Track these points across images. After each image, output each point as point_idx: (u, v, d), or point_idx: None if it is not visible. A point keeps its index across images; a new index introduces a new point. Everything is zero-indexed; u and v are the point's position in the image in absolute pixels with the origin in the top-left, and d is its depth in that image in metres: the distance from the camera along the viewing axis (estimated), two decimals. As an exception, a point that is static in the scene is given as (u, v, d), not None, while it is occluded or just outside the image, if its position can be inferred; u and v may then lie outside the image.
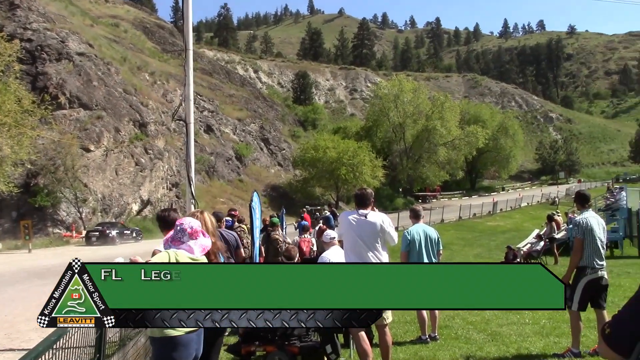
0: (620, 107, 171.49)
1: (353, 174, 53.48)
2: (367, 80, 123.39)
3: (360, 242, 6.34)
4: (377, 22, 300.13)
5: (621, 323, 1.95)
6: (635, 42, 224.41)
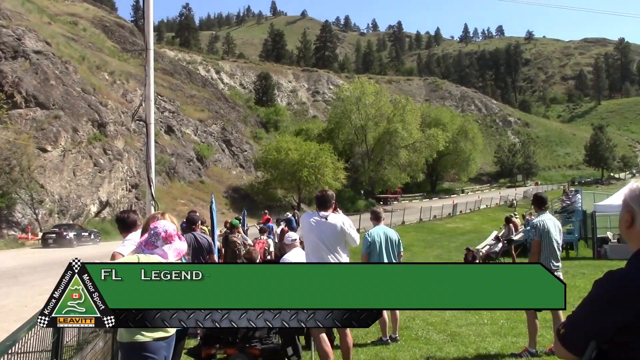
0: (575, 112, 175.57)
1: (315, 176, 53.49)
2: (329, 82, 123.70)
3: (321, 244, 6.35)
4: (339, 24, 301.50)
5: (575, 323, 2.00)
6: (590, 48, 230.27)
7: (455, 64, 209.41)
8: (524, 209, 46.52)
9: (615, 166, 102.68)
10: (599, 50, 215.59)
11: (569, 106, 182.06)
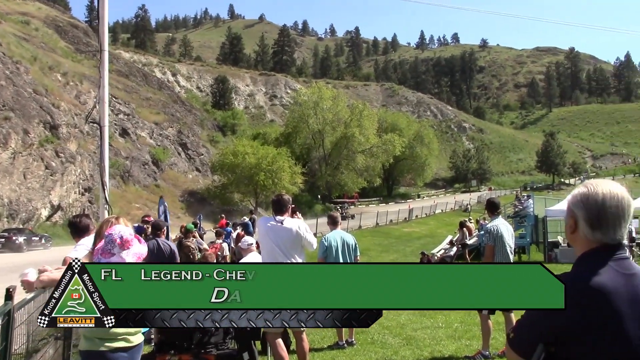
0: (528, 119, 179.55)
1: (272, 180, 53.38)
2: (287, 86, 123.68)
3: (277, 248, 6.35)
4: (297, 29, 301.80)
5: (523, 327, 2.07)
6: (542, 57, 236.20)
7: (412, 70, 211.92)
8: (478, 214, 47.33)
9: (565, 172, 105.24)
10: (550, 59, 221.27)
11: (521, 113, 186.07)
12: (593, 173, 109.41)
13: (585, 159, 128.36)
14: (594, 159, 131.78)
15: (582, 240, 2.09)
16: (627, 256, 2.07)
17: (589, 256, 2.06)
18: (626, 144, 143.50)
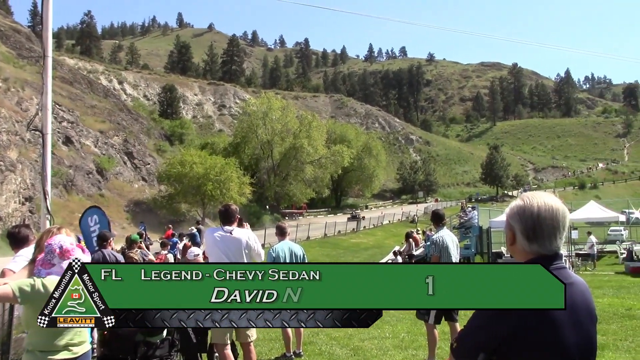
0: (473, 132, 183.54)
1: (220, 191, 52.89)
2: (236, 96, 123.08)
3: (226, 258, 6.30)
4: (247, 39, 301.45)
5: (464, 337, 2.12)
6: (486, 71, 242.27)
7: (361, 83, 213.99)
8: (424, 225, 47.98)
9: (508, 184, 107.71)
10: (495, 74, 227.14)
11: (466, 126, 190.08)
12: (535, 185, 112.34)
13: (528, 172, 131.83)
14: (535, 172, 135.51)
15: (520, 251, 2.15)
16: (564, 266, 2.14)
17: None
18: (566, 157, 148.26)
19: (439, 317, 7.55)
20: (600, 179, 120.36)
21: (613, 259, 29.76)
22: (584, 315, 2.08)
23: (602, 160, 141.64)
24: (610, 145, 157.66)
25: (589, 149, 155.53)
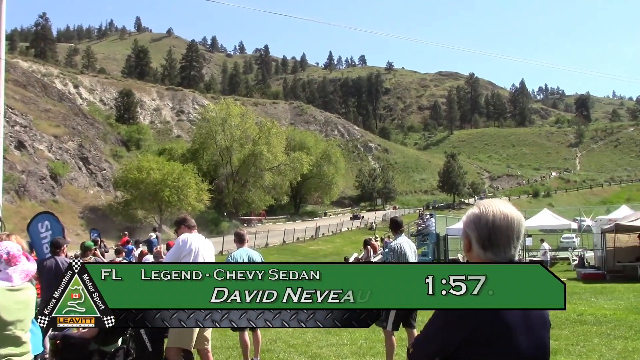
0: (431, 140, 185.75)
1: (177, 197, 52.37)
2: (194, 102, 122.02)
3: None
4: (206, 44, 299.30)
5: (420, 343, 2.15)
6: (444, 81, 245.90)
7: (320, 90, 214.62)
8: (383, 232, 48.33)
9: (465, 192, 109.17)
10: (452, 83, 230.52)
11: (424, 134, 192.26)
12: (490, 193, 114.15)
13: (484, 180, 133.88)
14: (491, 180, 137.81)
15: (475, 258, 2.18)
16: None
17: None
18: (521, 166, 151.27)
19: (397, 324, 7.61)
20: (553, 187, 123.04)
21: (565, 265, 30.45)
22: (537, 322, 2.12)
23: (555, 169, 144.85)
24: (563, 155, 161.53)
25: (543, 158, 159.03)
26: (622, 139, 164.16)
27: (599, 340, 9.35)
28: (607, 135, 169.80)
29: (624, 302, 13.75)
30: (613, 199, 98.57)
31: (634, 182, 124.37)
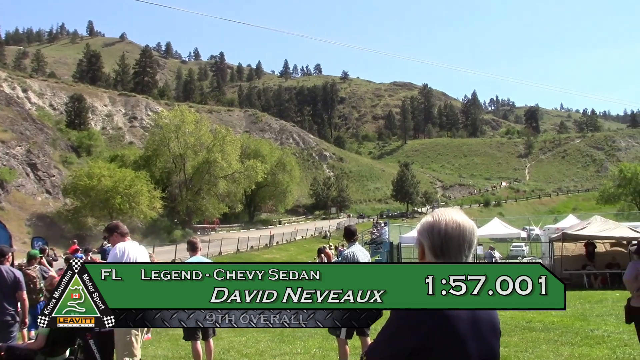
0: (385, 149, 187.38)
1: (129, 204, 51.60)
2: (148, 108, 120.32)
3: None
4: (160, 50, 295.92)
5: (374, 350, 2.17)
6: (398, 91, 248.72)
7: (275, 98, 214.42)
8: (337, 240, 48.47)
9: (418, 201, 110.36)
10: (406, 94, 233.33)
11: (379, 144, 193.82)
12: (443, 202, 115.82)
13: (436, 189, 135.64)
14: (444, 189, 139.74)
15: None
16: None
17: None
18: (472, 175, 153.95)
19: (351, 332, 7.63)
20: (503, 196, 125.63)
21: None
22: (487, 329, 2.16)
23: (505, 179, 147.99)
24: (513, 165, 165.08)
25: (494, 168, 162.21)
26: (569, 151, 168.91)
27: (547, 346, 9.57)
28: (555, 147, 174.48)
29: (570, 310, 14.10)
30: (560, 209, 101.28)
31: (580, 192, 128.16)
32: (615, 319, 12.08)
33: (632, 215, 60.20)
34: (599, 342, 9.76)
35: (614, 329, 10.83)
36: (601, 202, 77.78)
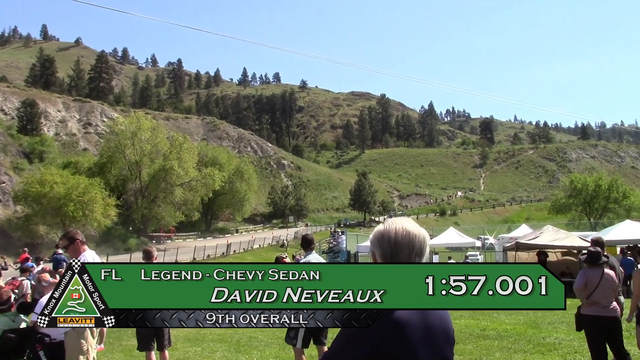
0: (343, 159, 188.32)
1: (82, 212, 50.63)
2: (103, 114, 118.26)
3: None
4: (117, 56, 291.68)
5: (329, 358, 2.18)
6: (356, 101, 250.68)
7: (234, 106, 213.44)
8: (294, 249, 48.40)
9: (375, 210, 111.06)
10: (364, 104, 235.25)
11: (337, 153, 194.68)
12: (400, 212, 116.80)
13: (394, 198, 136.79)
14: (401, 199, 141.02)
15: None
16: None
17: None
18: (429, 185, 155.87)
19: (307, 341, 7.64)
20: (459, 206, 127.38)
21: (469, 282, 31.45)
22: (440, 337, 2.19)
23: (461, 189, 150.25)
24: (468, 175, 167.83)
25: (449, 178, 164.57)
26: (522, 161, 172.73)
27: (500, 354, 9.74)
28: (509, 158, 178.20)
29: (523, 317, 14.38)
30: (514, 218, 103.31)
31: (533, 202, 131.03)
32: (566, 326, 12.36)
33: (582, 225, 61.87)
34: (550, 349, 9.98)
35: (565, 336, 11.09)
36: (553, 212, 79.63)
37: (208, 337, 12.48)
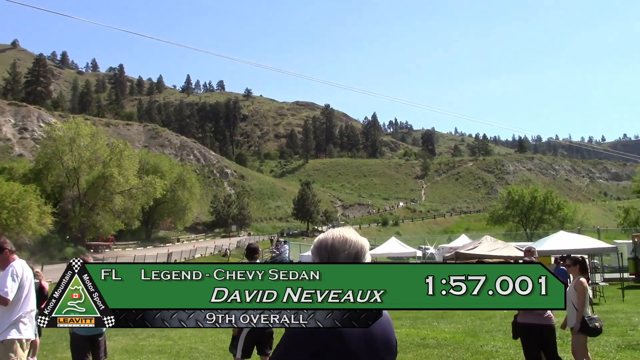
0: (286, 168, 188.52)
1: (16, 219, 48.93)
2: (40, 119, 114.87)
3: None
4: (55, 59, 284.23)
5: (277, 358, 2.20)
6: (301, 110, 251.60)
7: (177, 113, 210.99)
8: (237, 259, 48.07)
9: (319, 219, 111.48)
10: (308, 114, 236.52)
11: (280, 162, 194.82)
12: (342, 221, 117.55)
13: (337, 208, 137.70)
14: (344, 208, 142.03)
15: None
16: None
17: None
18: (371, 195, 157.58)
19: (248, 351, 7.59)
20: (400, 216, 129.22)
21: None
22: (380, 346, 2.23)
23: (403, 199, 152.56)
24: (410, 186, 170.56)
25: (392, 189, 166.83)
26: (462, 173, 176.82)
27: (439, 362, 9.90)
28: (449, 169, 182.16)
29: (462, 326, 14.68)
30: (454, 229, 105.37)
31: (472, 213, 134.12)
32: (503, 334, 12.68)
33: (519, 235, 63.61)
34: (488, 357, 10.22)
35: (502, 344, 11.37)
36: (491, 222, 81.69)
37: (147, 349, 12.24)
